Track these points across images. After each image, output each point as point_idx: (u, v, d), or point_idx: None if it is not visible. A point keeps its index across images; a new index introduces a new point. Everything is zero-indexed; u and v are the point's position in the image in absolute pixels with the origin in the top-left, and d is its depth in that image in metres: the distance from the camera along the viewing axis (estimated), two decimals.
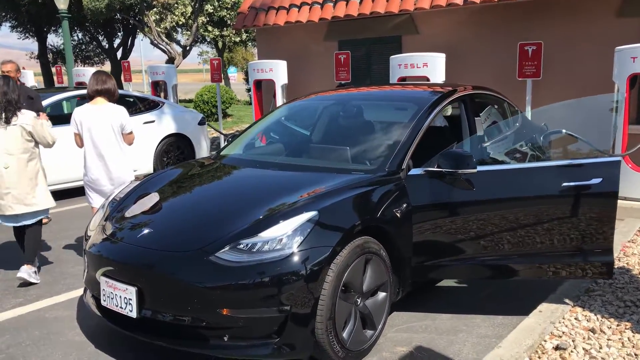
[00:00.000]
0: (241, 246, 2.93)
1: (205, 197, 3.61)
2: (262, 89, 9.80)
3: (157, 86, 11.75)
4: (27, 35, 25.94)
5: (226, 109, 16.49)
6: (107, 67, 28.09)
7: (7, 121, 4.43)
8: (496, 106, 5.03)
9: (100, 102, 4.70)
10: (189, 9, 19.07)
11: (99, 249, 3.35)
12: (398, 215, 3.41)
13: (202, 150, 9.46)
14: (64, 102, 8.31)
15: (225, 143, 4.78)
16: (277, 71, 9.20)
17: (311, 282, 2.88)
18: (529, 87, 7.44)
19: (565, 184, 3.47)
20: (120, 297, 3.06)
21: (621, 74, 6.31)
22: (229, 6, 22.01)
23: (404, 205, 3.46)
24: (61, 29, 15.44)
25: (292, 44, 10.44)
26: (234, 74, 33.97)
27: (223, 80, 11.17)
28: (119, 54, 26.26)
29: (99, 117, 4.65)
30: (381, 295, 3.35)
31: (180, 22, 19.48)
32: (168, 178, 3.95)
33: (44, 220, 4.92)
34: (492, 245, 3.60)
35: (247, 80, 22.22)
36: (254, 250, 2.92)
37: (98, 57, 29.03)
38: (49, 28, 25.52)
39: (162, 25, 19.43)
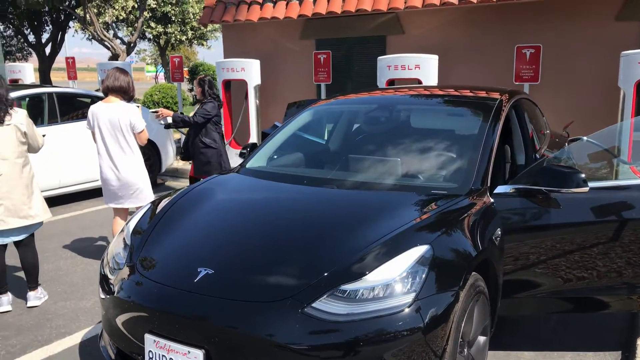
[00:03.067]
0: (341, 293, 2.29)
1: (267, 225, 2.85)
2: (231, 89, 9.02)
3: None
4: None
5: (175, 110, 15.44)
6: (33, 62, 25.84)
7: (1, 121, 3.68)
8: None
9: (112, 100, 4.54)
10: (130, 3, 17.78)
11: (131, 294, 2.59)
12: (496, 243, 2.88)
13: (169, 156, 8.60)
14: None
15: (244, 153, 4.06)
16: (250, 71, 8.47)
17: (435, 338, 2.28)
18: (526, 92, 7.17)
19: None
20: None
21: (627, 79, 6.10)
22: (174, 2, 20.76)
23: (498, 231, 2.94)
24: None
25: (263, 42, 9.70)
26: (161, 72, 32.39)
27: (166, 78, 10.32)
28: (47, 49, 24.20)
29: (108, 115, 4.49)
30: (482, 340, 2.80)
31: (121, 17, 18.12)
32: (202, 199, 3.15)
33: None
34: (587, 275, 3.14)
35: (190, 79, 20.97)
36: (357, 298, 2.28)
37: (21, 52, 26.77)
38: None
39: (100, 20, 18.01)
